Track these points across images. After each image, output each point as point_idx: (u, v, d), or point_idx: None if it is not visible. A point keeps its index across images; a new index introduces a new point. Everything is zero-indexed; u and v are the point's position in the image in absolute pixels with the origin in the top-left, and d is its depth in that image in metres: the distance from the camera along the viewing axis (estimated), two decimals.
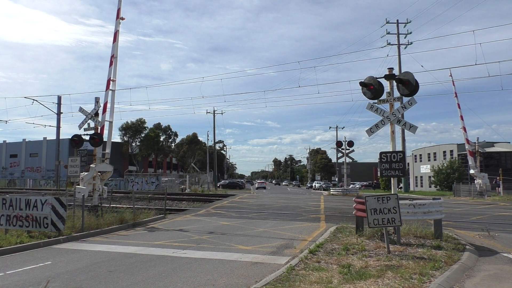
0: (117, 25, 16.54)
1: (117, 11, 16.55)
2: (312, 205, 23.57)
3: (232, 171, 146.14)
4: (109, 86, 15.77)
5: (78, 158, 15.44)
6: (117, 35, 16.41)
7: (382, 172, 9.92)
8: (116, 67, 16.16)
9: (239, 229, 13.01)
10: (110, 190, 22.04)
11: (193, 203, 25.50)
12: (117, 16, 16.54)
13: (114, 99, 15.94)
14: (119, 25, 16.56)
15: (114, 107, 16.06)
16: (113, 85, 15.91)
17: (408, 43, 44.04)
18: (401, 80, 10.03)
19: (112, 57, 16.08)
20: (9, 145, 71.36)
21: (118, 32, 16.48)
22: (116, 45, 16.30)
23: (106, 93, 15.78)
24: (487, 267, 7.51)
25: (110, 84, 15.79)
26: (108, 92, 15.73)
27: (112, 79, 15.92)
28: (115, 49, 16.24)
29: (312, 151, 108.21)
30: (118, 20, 16.54)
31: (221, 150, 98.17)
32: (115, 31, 16.49)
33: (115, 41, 16.32)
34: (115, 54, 16.21)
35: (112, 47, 16.27)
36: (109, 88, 15.76)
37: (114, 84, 15.97)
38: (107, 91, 15.75)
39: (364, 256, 7.94)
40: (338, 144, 43.41)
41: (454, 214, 17.83)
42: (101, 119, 15.60)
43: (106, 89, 15.78)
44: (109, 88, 15.76)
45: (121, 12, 16.48)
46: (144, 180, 47.76)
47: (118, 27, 16.51)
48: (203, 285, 6.45)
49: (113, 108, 16.01)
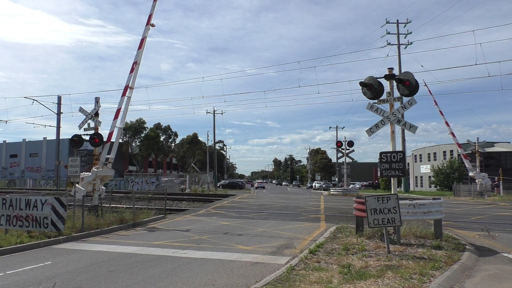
0: (145, 32, 16.12)
1: (149, 17, 16.12)
2: (312, 205, 23.56)
3: (232, 171, 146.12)
4: (126, 93, 15.45)
5: (78, 158, 15.43)
6: (143, 42, 15.99)
7: (382, 172, 9.92)
8: (136, 74, 15.79)
9: (239, 229, 13.01)
10: (110, 190, 22.05)
11: (193, 203, 25.50)
12: (148, 22, 16.14)
13: (128, 106, 15.65)
14: (148, 31, 16.11)
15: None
16: (130, 92, 15.58)
17: (408, 43, 44.05)
18: (401, 80, 10.03)
19: (135, 64, 15.70)
20: (9, 145, 71.36)
21: (145, 38, 16.06)
22: (141, 52, 15.89)
23: (121, 99, 15.44)
24: (487, 267, 7.51)
25: (127, 91, 15.48)
26: (124, 98, 15.40)
27: (130, 86, 15.61)
28: (139, 56, 15.85)
29: (312, 151, 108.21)
30: (148, 26, 16.14)
31: (221, 150, 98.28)
32: (142, 37, 16.06)
33: (141, 47, 15.91)
34: (138, 60, 15.82)
35: (136, 53, 15.89)
36: (125, 94, 15.43)
37: (131, 91, 15.63)
38: (123, 97, 15.41)
39: (364, 256, 7.94)
40: (338, 144, 43.43)
41: (454, 214, 17.83)
42: (112, 124, 15.38)
43: (122, 95, 15.43)
44: (125, 94, 15.43)
45: (152, 18, 16.05)
46: (144, 180, 47.75)
47: (147, 33, 16.06)
48: (203, 285, 6.45)
49: (125, 114, 15.79)
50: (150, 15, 16.21)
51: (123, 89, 15.61)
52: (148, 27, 16.18)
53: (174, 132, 75.16)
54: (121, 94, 15.43)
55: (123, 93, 15.46)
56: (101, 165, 14.74)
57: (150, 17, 16.17)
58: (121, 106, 15.35)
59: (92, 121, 15.75)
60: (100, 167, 14.69)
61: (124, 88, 15.59)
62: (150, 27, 16.22)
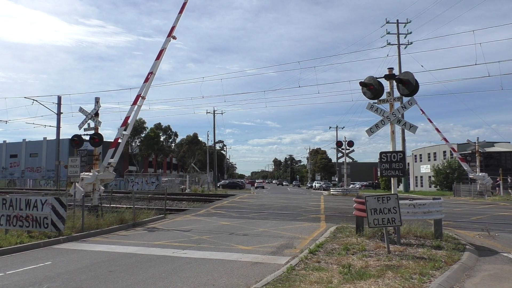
0: (166, 43, 16.09)
1: (171, 29, 16.10)
2: (312, 205, 23.57)
3: (232, 171, 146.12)
4: (137, 102, 15.50)
5: (78, 158, 15.43)
6: (162, 53, 15.98)
7: (382, 172, 9.92)
8: (150, 84, 15.78)
9: (239, 229, 13.01)
10: (110, 190, 22.06)
11: (193, 203, 25.50)
12: (169, 34, 16.12)
13: (137, 114, 15.66)
14: (168, 43, 16.08)
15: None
16: (141, 101, 15.64)
17: (408, 43, 44.06)
18: (401, 80, 10.03)
19: (150, 74, 15.69)
20: (9, 145, 71.37)
21: (165, 50, 16.03)
22: (158, 62, 15.88)
23: (131, 108, 15.50)
24: (487, 267, 7.51)
25: (138, 100, 15.53)
26: (134, 107, 15.46)
27: (143, 95, 15.62)
28: (155, 67, 15.83)
29: (312, 151, 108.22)
30: (169, 38, 16.13)
31: (221, 150, 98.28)
32: (162, 48, 16.03)
33: (158, 58, 15.89)
34: (154, 71, 15.81)
35: (153, 64, 15.90)
36: (136, 103, 15.47)
37: (142, 101, 15.66)
38: (133, 106, 15.43)
39: (364, 256, 7.94)
40: (338, 144, 43.43)
41: (454, 214, 17.83)
42: (119, 131, 15.39)
43: (133, 104, 15.46)
44: (136, 103, 15.47)
45: (175, 30, 15.99)
46: (144, 180, 47.76)
47: (167, 45, 16.04)
48: (203, 285, 6.45)
49: (133, 122, 15.81)
50: (173, 27, 16.15)
51: (135, 98, 15.62)
52: (169, 39, 16.19)
53: (174, 132, 75.24)
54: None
55: (134, 102, 15.47)
56: (103, 168, 14.71)
57: (173, 29, 16.11)
58: (130, 114, 15.34)
59: (92, 121, 15.75)
60: (101, 171, 14.67)
61: (136, 97, 15.61)
62: (171, 39, 16.19)
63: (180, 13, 16.50)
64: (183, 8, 16.72)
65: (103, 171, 14.68)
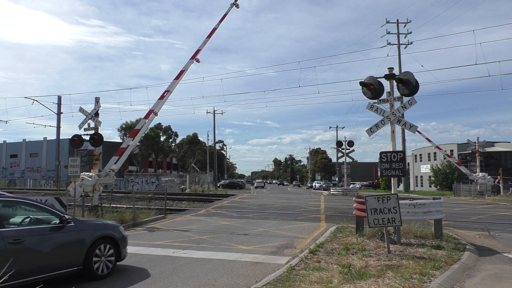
0: (188, 65, 16.22)
1: (196, 52, 16.32)
2: (312, 205, 23.56)
3: (232, 171, 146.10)
4: (149, 117, 15.77)
5: (78, 158, 15.44)
6: (182, 74, 16.17)
7: (382, 172, 9.91)
8: (165, 102, 16.02)
9: (240, 229, 13.01)
10: (110, 190, 22.05)
11: (193, 203, 25.50)
12: (194, 56, 16.30)
13: (147, 128, 15.89)
14: (191, 65, 16.26)
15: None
16: (152, 116, 15.90)
17: (408, 43, 44.04)
18: (401, 80, 10.02)
19: (167, 92, 15.90)
20: (9, 145, 71.38)
21: (185, 71, 16.13)
22: (177, 82, 16.09)
23: (141, 121, 15.81)
24: (488, 267, 7.50)
25: (150, 115, 15.79)
26: (145, 121, 15.77)
27: (155, 111, 15.85)
28: (173, 86, 16.02)
29: (312, 151, 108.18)
30: (192, 60, 16.34)
31: (221, 150, 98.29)
32: (183, 69, 16.17)
33: (178, 78, 16.04)
34: (172, 90, 16.00)
35: (171, 83, 16.18)
36: (148, 117, 15.76)
37: (154, 116, 15.95)
38: (144, 120, 15.71)
39: (364, 256, 7.93)
40: (338, 144, 43.42)
41: (454, 214, 17.83)
42: (126, 142, 15.63)
43: (145, 118, 15.73)
44: (148, 117, 15.76)
45: (200, 53, 16.17)
46: (144, 180, 47.76)
47: (189, 67, 16.21)
48: (203, 285, 6.44)
49: (141, 134, 16.08)
50: (198, 50, 16.36)
51: (148, 112, 15.91)
52: (193, 61, 16.43)
53: (174, 132, 75.26)
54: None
55: (146, 116, 15.74)
56: (104, 173, 14.74)
57: (198, 52, 16.32)
58: (140, 127, 15.58)
59: (92, 121, 15.76)
60: (103, 175, 14.72)
61: (148, 112, 15.90)
62: (195, 62, 16.41)
63: (208, 37, 16.97)
64: (212, 34, 17.02)
65: (104, 175, 14.72)
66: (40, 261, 5.88)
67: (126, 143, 15.34)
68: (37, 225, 6.12)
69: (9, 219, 5.99)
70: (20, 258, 5.59)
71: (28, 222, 6.09)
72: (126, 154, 15.53)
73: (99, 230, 6.94)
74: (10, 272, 5.00)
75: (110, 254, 7.02)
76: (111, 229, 7.26)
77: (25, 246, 5.69)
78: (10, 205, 6.23)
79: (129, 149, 15.60)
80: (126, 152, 15.40)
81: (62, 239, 6.26)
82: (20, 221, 6.06)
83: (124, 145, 15.30)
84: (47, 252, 6.01)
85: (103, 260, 6.86)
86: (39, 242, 5.95)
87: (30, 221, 6.13)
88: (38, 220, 6.22)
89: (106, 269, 6.89)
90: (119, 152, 15.10)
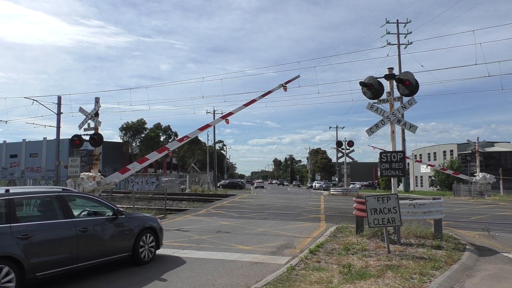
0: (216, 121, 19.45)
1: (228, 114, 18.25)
2: (312, 205, 23.56)
3: (232, 171, 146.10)
4: (161, 153, 16.58)
5: (78, 158, 15.45)
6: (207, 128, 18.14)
7: (382, 172, 9.91)
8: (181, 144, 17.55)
9: (239, 229, 13.01)
10: (110, 190, 22.06)
11: (193, 203, 25.51)
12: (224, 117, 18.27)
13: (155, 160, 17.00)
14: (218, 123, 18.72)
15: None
16: (165, 153, 17.08)
17: (408, 43, 44.07)
18: (401, 80, 10.02)
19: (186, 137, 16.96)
20: (9, 145, 71.31)
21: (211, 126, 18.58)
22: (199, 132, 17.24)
23: (153, 153, 16.39)
24: (487, 267, 7.50)
25: (164, 151, 16.80)
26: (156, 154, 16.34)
27: (170, 150, 17.57)
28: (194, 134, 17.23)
29: (312, 151, 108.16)
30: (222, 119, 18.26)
31: (221, 150, 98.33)
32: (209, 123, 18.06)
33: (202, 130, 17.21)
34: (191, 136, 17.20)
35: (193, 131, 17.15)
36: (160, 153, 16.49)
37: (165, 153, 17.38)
38: (156, 153, 16.27)
39: (364, 256, 7.93)
40: (338, 144, 43.41)
41: (454, 214, 17.83)
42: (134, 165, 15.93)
43: (158, 151, 16.34)
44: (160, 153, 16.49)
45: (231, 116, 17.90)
46: (144, 180, 47.77)
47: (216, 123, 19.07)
48: (203, 285, 6.44)
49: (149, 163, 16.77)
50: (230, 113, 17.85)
51: (161, 148, 16.76)
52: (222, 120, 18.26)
53: (174, 132, 75.22)
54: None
55: (159, 151, 16.37)
56: (104, 182, 14.82)
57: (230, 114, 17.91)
58: (150, 159, 16.07)
59: (92, 121, 15.74)
60: (103, 183, 14.82)
61: (161, 148, 16.71)
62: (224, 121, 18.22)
63: (245, 106, 17.81)
64: (250, 104, 17.93)
65: (104, 184, 14.79)
66: (101, 247, 6.92)
67: (132, 166, 15.60)
68: (96, 216, 7.17)
69: (75, 210, 6.91)
70: (88, 243, 6.63)
71: (87, 214, 7.16)
72: (129, 174, 15.99)
73: (144, 222, 8.01)
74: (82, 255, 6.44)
75: (151, 243, 8.09)
76: (152, 221, 8.36)
77: (90, 233, 6.71)
78: (74, 199, 7.12)
79: (133, 171, 15.99)
80: (129, 172, 15.73)
81: (116, 228, 7.29)
82: (82, 213, 7.10)
83: (131, 167, 15.51)
84: (106, 239, 7.05)
85: (146, 248, 7.94)
86: (101, 230, 6.95)
87: (89, 213, 7.20)
88: (95, 212, 7.31)
89: (149, 255, 7.99)
90: (124, 171, 15.36)
